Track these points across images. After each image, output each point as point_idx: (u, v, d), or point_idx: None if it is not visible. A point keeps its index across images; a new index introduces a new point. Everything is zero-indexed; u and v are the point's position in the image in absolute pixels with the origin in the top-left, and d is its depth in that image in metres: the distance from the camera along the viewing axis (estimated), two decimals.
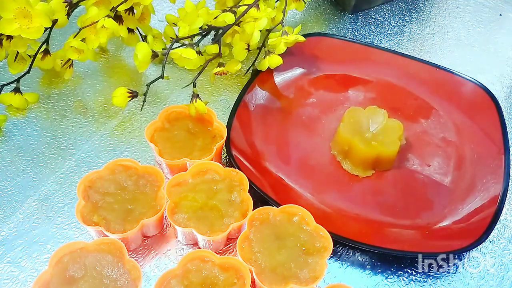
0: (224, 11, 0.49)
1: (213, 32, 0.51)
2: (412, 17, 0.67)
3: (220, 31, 0.49)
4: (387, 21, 0.66)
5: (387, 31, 0.64)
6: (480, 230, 0.41)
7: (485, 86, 0.52)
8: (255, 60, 0.54)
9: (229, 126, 0.47)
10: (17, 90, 0.50)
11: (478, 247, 0.42)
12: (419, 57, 0.57)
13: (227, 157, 0.47)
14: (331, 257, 0.42)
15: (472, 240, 0.40)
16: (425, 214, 0.45)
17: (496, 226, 0.41)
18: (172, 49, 0.47)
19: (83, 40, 0.48)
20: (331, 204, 0.45)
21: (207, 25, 0.49)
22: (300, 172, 0.47)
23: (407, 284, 0.41)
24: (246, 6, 0.48)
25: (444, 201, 0.46)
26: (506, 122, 0.49)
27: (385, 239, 0.43)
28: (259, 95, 0.52)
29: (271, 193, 0.43)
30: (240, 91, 0.51)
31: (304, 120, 0.52)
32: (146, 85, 0.47)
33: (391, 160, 0.48)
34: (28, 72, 0.50)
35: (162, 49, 0.48)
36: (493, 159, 0.47)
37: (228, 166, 0.44)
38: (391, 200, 0.46)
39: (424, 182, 0.47)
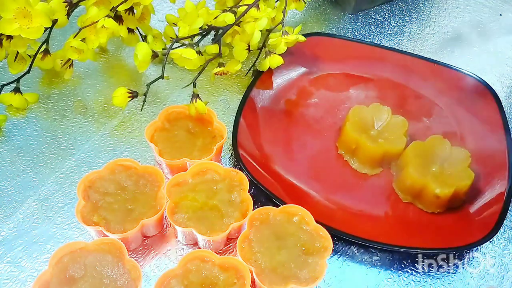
0: (224, 11, 0.49)
1: (213, 32, 0.51)
2: (412, 17, 0.66)
3: (220, 31, 0.49)
4: (387, 21, 0.66)
5: (387, 31, 0.64)
6: (488, 227, 0.41)
7: (486, 82, 0.53)
8: (255, 61, 0.54)
9: (235, 127, 0.47)
10: (17, 90, 0.50)
11: (478, 247, 0.43)
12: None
13: (234, 159, 0.47)
14: (331, 257, 0.42)
15: (476, 238, 0.40)
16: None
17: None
18: (172, 49, 0.47)
19: (83, 40, 0.48)
20: (342, 204, 0.45)
21: (207, 25, 0.49)
22: (309, 173, 0.47)
23: (407, 284, 0.41)
24: (246, 6, 0.48)
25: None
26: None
27: (396, 237, 0.43)
28: (262, 96, 0.52)
29: (283, 195, 0.43)
30: (240, 91, 0.51)
31: (308, 121, 0.52)
32: (146, 85, 0.47)
33: (398, 156, 0.47)
34: (28, 72, 0.50)
35: (162, 49, 0.48)
36: (497, 157, 0.47)
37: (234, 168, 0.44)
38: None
39: None
